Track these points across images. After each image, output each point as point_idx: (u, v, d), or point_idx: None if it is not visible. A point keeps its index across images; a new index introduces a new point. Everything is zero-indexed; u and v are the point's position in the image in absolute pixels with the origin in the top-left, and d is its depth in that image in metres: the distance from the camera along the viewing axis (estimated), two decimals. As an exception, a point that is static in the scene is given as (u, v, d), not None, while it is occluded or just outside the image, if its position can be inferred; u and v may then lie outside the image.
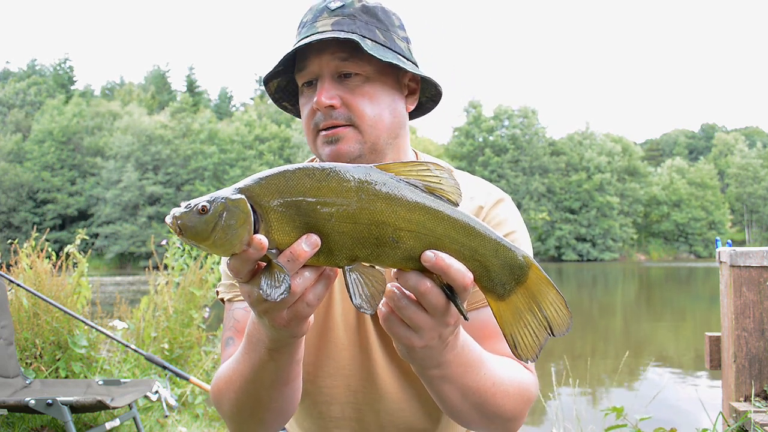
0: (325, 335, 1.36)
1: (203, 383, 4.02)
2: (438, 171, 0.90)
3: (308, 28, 1.28)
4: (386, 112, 1.28)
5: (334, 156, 1.26)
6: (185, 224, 0.86)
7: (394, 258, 0.89)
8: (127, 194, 56.39)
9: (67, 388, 3.93)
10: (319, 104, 1.23)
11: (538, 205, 61.46)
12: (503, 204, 1.38)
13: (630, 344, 11.96)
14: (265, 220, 0.86)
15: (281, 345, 1.04)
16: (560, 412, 3.93)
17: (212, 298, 5.48)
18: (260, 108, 72.90)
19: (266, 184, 0.87)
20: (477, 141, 65.30)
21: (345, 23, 1.25)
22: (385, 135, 1.29)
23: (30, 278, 4.65)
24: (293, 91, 1.41)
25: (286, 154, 62.21)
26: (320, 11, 1.28)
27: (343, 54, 1.24)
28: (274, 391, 1.13)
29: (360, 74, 1.25)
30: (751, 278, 3.02)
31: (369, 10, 1.28)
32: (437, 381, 1.07)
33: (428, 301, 0.90)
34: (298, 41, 1.28)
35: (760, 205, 70.94)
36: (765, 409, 2.83)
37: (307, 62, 1.27)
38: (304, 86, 1.30)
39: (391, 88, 1.30)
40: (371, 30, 1.26)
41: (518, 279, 0.93)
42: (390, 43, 1.28)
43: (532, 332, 0.94)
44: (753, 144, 78.12)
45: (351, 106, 1.25)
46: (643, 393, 7.15)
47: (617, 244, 62.73)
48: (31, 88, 70.29)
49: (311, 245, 0.86)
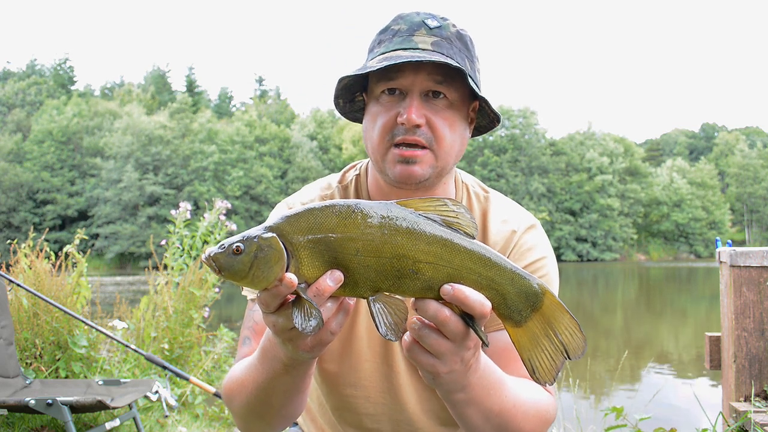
0: (348, 346, 1.39)
1: (203, 383, 4.02)
2: (455, 206, 0.95)
3: (404, 40, 1.27)
4: (458, 140, 1.31)
5: (406, 177, 1.27)
6: (222, 265, 0.91)
7: (414, 288, 0.93)
8: (127, 194, 56.37)
9: (67, 388, 3.93)
10: (410, 121, 1.23)
11: (538, 205, 61.46)
12: (534, 230, 1.43)
13: (630, 344, 11.96)
14: (295, 257, 0.92)
15: (298, 363, 1.07)
16: (560, 412, 3.93)
17: (212, 298, 5.47)
18: (260, 108, 72.89)
19: (295, 221, 0.93)
20: (476, 141, 65.29)
21: (444, 46, 1.26)
22: (452, 162, 1.32)
23: (30, 278, 4.65)
24: (351, 89, 1.39)
25: (285, 155, 62.18)
26: (417, 25, 1.28)
27: (438, 77, 1.25)
28: (285, 399, 1.17)
29: (446, 99, 1.27)
30: (751, 278, 3.02)
31: (462, 38, 1.30)
32: (461, 404, 1.09)
33: (448, 328, 0.94)
34: (391, 49, 1.26)
35: (760, 205, 70.94)
36: (765, 409, 2.83)
37: (401, 74, 1.25)
38: (384, 93, 1.28)
39: (464, 117, 1.33)
40: (463, 59, 1.28)
41: (534, 306, 0.98)
42: (473, 73, 1.30)
43: (549, 356, 0.98)
44: (753, 144, 78.09)
45: (434, 129, 1.26)
46: (643, 393, 7.15)
47: (617, 243, 62.74)
48: (30, 88, 70.27)
49: (335, 281, 0.91)
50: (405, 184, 1.29)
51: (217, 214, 5.83)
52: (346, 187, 1.47)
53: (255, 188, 57.83)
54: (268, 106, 74.76)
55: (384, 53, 1.27)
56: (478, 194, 1.47)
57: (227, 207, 5.98)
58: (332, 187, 1.48)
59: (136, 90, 77.64)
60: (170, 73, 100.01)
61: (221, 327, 5.77)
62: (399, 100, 1.27)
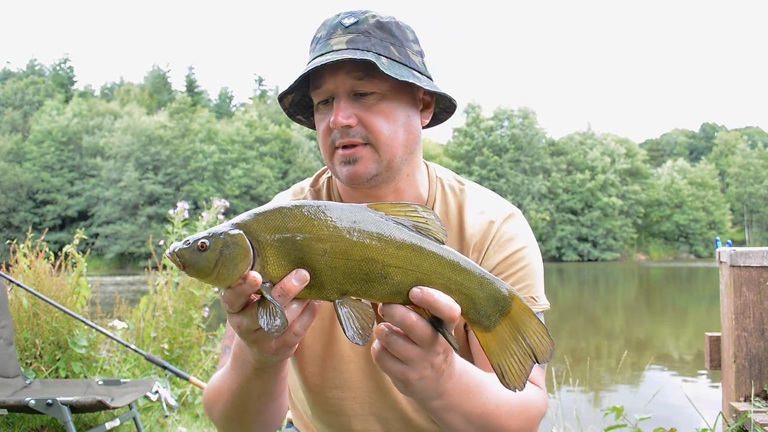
0: (330, 348, 1.38)
1: (203, 383, 4.02)
2: (425, 212, 0.95)
3: (323, 45, 1.27)
4: (402, 129, 1.29)
5: (352, 177, 1.27)
6: (187, 261, 0.90)
7: (382, 293, 0.92)
8: (127, 194, 56.36)
9: (67, 388, 3.93)
10: (336, 124, 1.23)
11: (539, 205, 61.45)
12: (514, 219, 1.40)
13: (630, 344, 11.97)
14: (261, 255, 0.90)
15: (267, 366, 1.07)
16: (560, 412, 3.93)
17: (212, 297, 5.48)
18: (260, 108, 72.90)
19: (263, 219, 0.91)
20: (475, 141, 65.30)
21: (360, 41, 1.25)
22: (401, 152, 1.30)
23: (29, 278, 4.65)
24: (307, 104, 1.40)
25: (287, 155, 62.18)
26: (334, 27, 1.28)
27: (358, 73, 1.24)
28: (260, 405, 1.17)
29: (376, 92, 1.25)
30: (751, 278, 3.01)
31: (383, 26, 1.28)
32: (440, 411, 1.08)
33: (416, 333, 0.92)
34: (312, 59, 1.27)
35: (760, 205, 70.93)
36: (765, 409, 2.83)
37: (322, 81, 1.26)
38: (320, 104, 1.30)
39: (407, 105, 1.30)
40: (386, 46, 1.26)
41: (502, 310, 0.97)
42: (405, 58, 1.28)
43: (518, 361, 0.98)
44: (754, 144, 78.09)
45: (367, 125, 1.25)
46: (643, 393, 7.15)
47: (618, 243, 62.74)
48: (29, 88, 70.24)
49: (300, 280, 0.89)
50: (355, 183, 1.28)
51: (216, 213, 5.84)
52: (319, 190, 1.48)
53: (255, 188, 57.82)
54: (268, 106, 74.70)
55: (309, 62, 1.28)
56: (453, 187, 1.44)
57: (225, 206, 5.99)
58: (305, 191, 1.49)
59: (135, 90, 77.62)
60: (170, 73, 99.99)
61: (221, 327, 5.78)
62: (331, 106, 1.28)
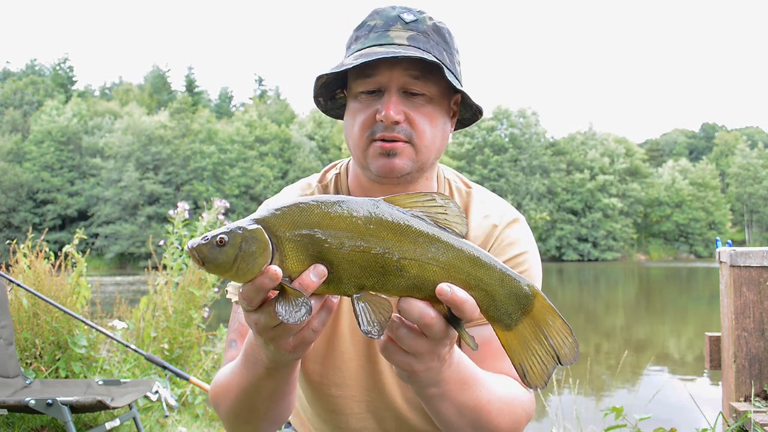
0: (332, 344, 1.38)
1: (203, 383, 4.01)
2: (442, 200, 0.94)
3: (380, 35, 1.25)
4: (439, 134, 1.30)
5: (387, 169, 1.26)
6: (206, 256, 0.89)
7: (399, 287, 0.91)
8: (127, 194, 56.33)
9: (67, 388, 3.93)
10: (388, 118, 1.22)
11: (539, 205, 61.42)
12: (517, 225, 1.40)
13: (630, 344, 11.97)
14: (279, 250, 0.89)
15: (280, 366, 1.06)
16: (560, 412, 3.92)
17: (212, 297, 5.47)
18: (260, 108, 72.86)
19: (281, 214, 0.91)
20: (476, 140, 65.30)
21: (420, 40, 1.24)
22: (433, 156, 1.31)
23: (29, 278, 4.65)
24: (331, 88, 1.38)
25: (287, 155, 62.15)
26: (393, 20, 1.26)
27: (415, 72, 1.23)
28: (270, 403, 1.16)
29: (425, 94, 1.25)
30: (751, 278, 3.01)
31: (439, 30, 1.28)
32: (435, 399, 1.08)
33: (432, 331, 0.92)
34: (365, 46, 1.25)
35: (760, 205, 70.89)
36: (765, 409, 2.82)
37: (376, 71, 1.24)
38: (363, 93, 1.27)
39: (445, 112, 1.31)
40: (441, 52, 1.26)
41: (524, 308, 0.95)
42: (452, 67, 1.28)
43: (540, 361, 0.96)
44: (754, 144, 78.07)
45: (414, 124, 1.25)
46: (643, 393, 7.14)
47: (618, 243, 62.71)
48: (28, 88, 70.21)
49: (318, 275, 0.89)
50: (386, 177, 1.27)
51: (216, 214, 5.84)
52: (326, 186, 1.46)
53: (254, 188, 57.82)
54: (268, 106, 74.70)
55: (360, 50, 1.25)
56: (460, 189, 1.45)
57: (226, 206, 5.99)
58: (312, 187, 1.47)
59: (134, 90, 77.57)
60: (170, 73, 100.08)
61: (221, 327, 5.78)
62: (378, 97, 1.26)
